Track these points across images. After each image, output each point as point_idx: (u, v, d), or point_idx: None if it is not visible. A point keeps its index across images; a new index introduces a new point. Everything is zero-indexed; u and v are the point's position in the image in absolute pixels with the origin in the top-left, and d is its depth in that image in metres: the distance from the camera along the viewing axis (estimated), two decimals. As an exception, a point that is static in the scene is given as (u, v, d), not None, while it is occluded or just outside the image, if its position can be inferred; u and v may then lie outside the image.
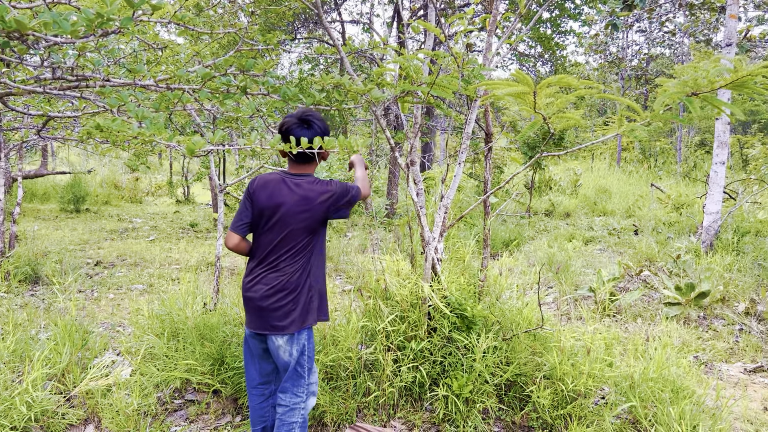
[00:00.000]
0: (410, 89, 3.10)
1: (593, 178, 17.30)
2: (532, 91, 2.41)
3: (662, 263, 7.22)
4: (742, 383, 4.15)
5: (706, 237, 7.56)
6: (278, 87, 3.11)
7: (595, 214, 12.57)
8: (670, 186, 14.68)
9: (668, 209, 11.57)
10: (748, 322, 5.22)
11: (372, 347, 3.47)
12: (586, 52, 26.99)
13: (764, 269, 6.76)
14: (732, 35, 7.15)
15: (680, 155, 19.62)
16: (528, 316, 3.76)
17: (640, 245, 8.46)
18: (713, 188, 7.53)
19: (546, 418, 3.29)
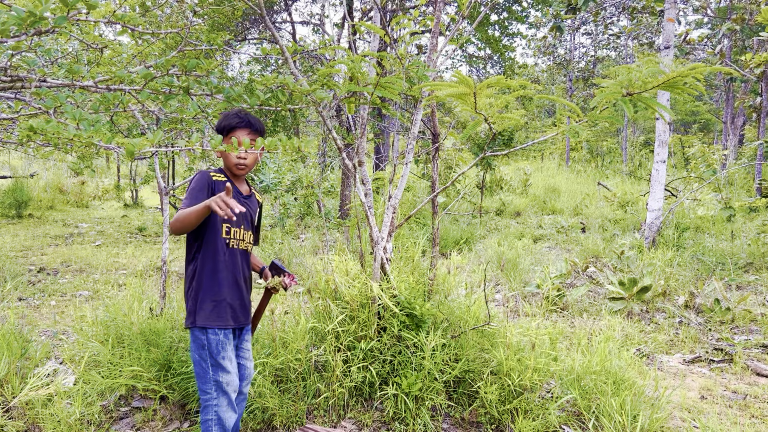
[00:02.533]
0: (356, 90, 3.12)
1: (543, 177, 17.66)
2: (473, 92, 2.46)
3: (607, 259, 7.44)
4: (681, 373, 4.31)
5: (649, 233, 7.82)
6: (222, 87, 3.08)
7: (544, 212, 12.84)
8: (616, 184, 15.11)
9: (614, 207, 11.91)
10: (687, 314, 5.42)
11: (321, 348, 3.46)
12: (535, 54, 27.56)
13: (703, 263, 7.03)
14: (670, 38, 7.42)
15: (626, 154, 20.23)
16: (476, 313, 3.82)
17: (587, 242, 8.69)
18: (655, 186, 7.79)
19: (493, 413, 3.35)
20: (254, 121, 2.76)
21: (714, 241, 8.31)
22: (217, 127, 2.73)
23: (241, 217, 2.72)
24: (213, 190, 2.61)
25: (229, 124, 2.71)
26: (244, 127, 2.73)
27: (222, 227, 2.67)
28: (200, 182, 2.61)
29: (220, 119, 2.75)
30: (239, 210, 2.30)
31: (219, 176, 2.69)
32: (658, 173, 7.74)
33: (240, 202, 2.76)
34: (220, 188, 2.62)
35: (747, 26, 15.11)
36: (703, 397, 3.93)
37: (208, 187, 2.60)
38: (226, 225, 2.68)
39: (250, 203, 2.86)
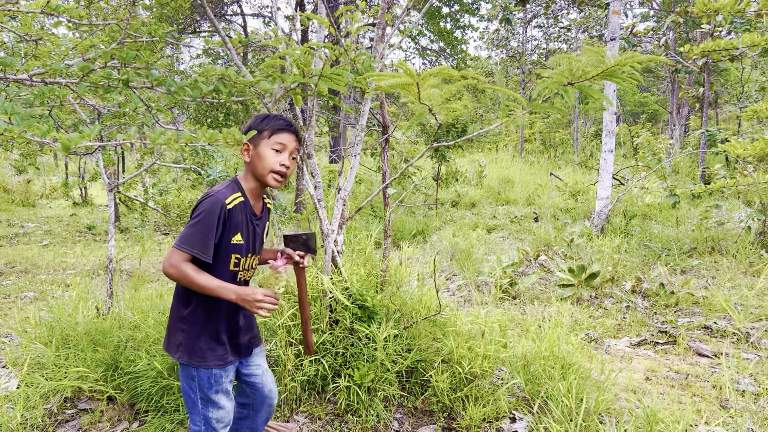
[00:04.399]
0: (301, 81, 3.09)
1: (497, 169, 17.89)
2: (415, 82, 2.47)
3: (558, 247, 7.59)
4: (627, 356, 4.44)
5: (598, 221, 8.01)
6: (163, 79, 3.01)
7: (498, 203, 13.02)
8: (568, 174, 15.42)
9: (566, 196, 12.16)
10: (634, 299, 5.58)
11: (273, 343, 3.44)
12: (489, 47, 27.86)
13: (649, 249, 7.25)
14: (615, 30, 7.59)
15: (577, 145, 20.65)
16: (427, 303, 3.85)
17: (539, 231, 8.85)
18: (603, 175, 7.98)
19: (445, 401, 3.38)
20: (298, 132, 2.42)
21: (660, 228, 8.57)
22: (252, 127, 2.33)
23: (251, 243, 2.38)
24: (226, 223, 2.21)
25: (275, 126, 2.31)
26: (292, 131, 2.34)
27: (231, 258, 2.29)
28: (210, 216, 2.16)
29: (257, 119, 2.36)
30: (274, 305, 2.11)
31: (236, 197, 2.28)
32: (606, 162, 7.93)
33: (252, 224, 2.38)
34: (235, 215, 2.24)
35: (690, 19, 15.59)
36: (648, 378, 4.06)
37: (222, 226, 2.20)
38: (236, 256, 2.30)
39: (261, 222, 2.47)
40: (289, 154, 2.33)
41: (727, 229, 8.15)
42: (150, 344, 3.60)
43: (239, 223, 2.27)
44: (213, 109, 8.50)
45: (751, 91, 12.97)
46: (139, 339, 3.70)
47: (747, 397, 3.63)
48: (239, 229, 2.28)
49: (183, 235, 2.13)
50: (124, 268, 7.23)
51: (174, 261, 2.11)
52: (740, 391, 3.75)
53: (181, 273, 2.10)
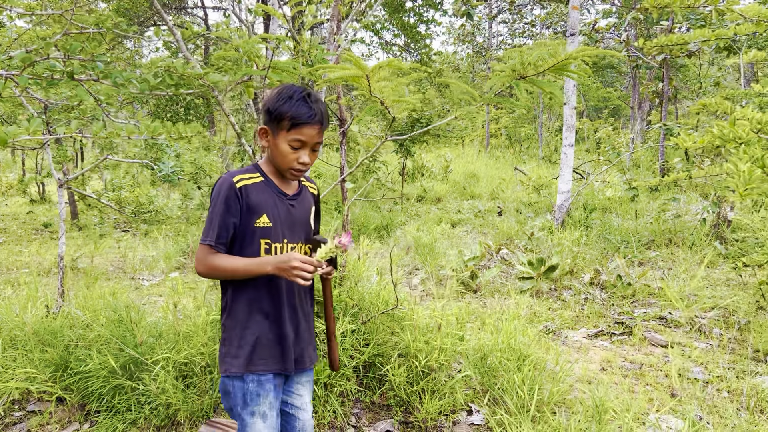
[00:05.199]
0: (251, 73, 3.04)
1: (463, 163, 17.97)
2: (365, 75, 2.45)
3: (519, 241, 7.66)
4: (584, 347, 4.50)
5: (559, 214, 8.11)
6: (109, 72, 2.94)
7: (464, 197, 13.09)
8: (532, 169, 15.58)
9: (529, 190, 12.28)
10: (592, 291, 5.67)
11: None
12: (455, 42, 27.99)
13: (609, 242, 7.36)
14: (575, 25, 7.68)
15: (542, 140, 20.89)
16: (386, 298, 3.84)
17: (503, 225, 8.92)
18: (564, 169, 8.08)
19: (402, 395, 3.38)
20: (326, 114, 2.07)
21: (620, 221, 8.72)
22: (271, 110, 2.00)
23: (286, 227, 2.07)
24: (245, 202, 1.97)
25: (297, 116, 1.95)
26: (316, 123, 1.98)
27: (261, 244, 2.01)
28: (225, 202, 1.95)
29: (279, 99, 1.98)
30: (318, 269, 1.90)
31: (252, 176, 2.02)
32: (567, 157, 8.03)
33: (284, 204, 2.07)
34: (254, 194, 1.99)
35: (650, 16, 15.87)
36: (604, 369, 4.12)
37: (237, 204, 1.96)
38: (265, 241, 2.01)
39: (300, 204, 2.15)
40: (310, 149, 2.02)
41: (684, 221, 8.33)
42: (102, 343, 3.51)
43: (262, 202, 1.99)
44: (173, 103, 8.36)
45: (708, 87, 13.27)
46: (90, 338, 3.61)
47: (696, 385, 3.72)
48: (263, 209, 1.99)
49: (204, 229, 1.99)
50: (81, 267, 7.06)
51: (200, 257, 1.95)
52: (691, 379, 3.83)
53: (208, 267, 1.94)
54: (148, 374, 3.30)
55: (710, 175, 4.80)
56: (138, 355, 3.35)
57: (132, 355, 3.35)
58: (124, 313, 3.61)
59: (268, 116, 2.00)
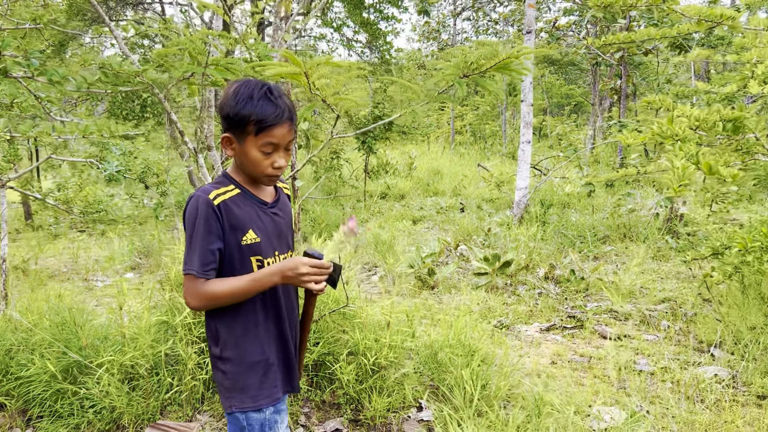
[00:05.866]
0: (193, 70, 3.00)
1: (428, 160, 18.04)
2: (303, 72, 2.43)
3: (477, 237, 7.73)
4: (536, 341, 4.56)
5: (517, 210, 8.20)
6: (45, 69, 2.86)
7: (427, 194, 13.14)
8: (495, 165, 15.72)
9: (491, 187, 12.39)
10: (547, 285, 5.75)
11: (171, 342, 3.34)
12: (420, 39, 28.08)
13: (565, 237, 7.47)
14: (531, 23, 7.77)
15: (505, 136, 21.09)
16: (337, 297, 3.83)
17: (463, 222, 8.98)
18: (522, 165, 8.17)
19: (351, 393, 3.38)
20: (293, 108, 1.84)
21: (578, 216, 8.86)
22: (231, 115, 1.76)
23: (274, 238, 1.89)
24: (226, 220, 1.76)
25: (262, 118, 1.71)
26: (285, 121, 1.76)
27: (253, 263, 1.82)
28: (205, 223, 1.73)
29: (236, 101, 1.74)
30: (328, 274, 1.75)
31: (227, 190, 1.81)
32: (524, 153, 8.12)
33: (267, 215, 1.89)
34: (234, 209, 1.78)
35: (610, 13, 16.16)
36: (554, 362, 4.18)
37: (218, 224, 1.75)
38: (257, 259, 1.82)
39: (282, 211, 1.98)
40: (284, 150, 1.81)
41: (639, 216, 8.50)
42: (45, 347, 3.43)
43: (244, 217, 1.80)
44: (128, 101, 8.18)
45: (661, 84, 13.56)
46: (33, 342, 3.52)
47: (642, 377, 3.80)
48: (247, 224, 1.81)
49: (185, 257, 1.75)
50: (33, 268, 6.89)
51: (189, 289, 1.72)
52: (637, 371, 3.91)
53: (202, 297, 1.72)
54: (92, 378, 3.24)
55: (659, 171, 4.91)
56: (81, 359, 3.28)
57: (75, 358, 3.28)
58: (68, 315, 3.53)
59: (229, 123, 1.76)
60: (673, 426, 3.15)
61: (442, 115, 26.82)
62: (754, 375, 3.67)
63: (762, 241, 3.55)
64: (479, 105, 24.14)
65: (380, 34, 10.40)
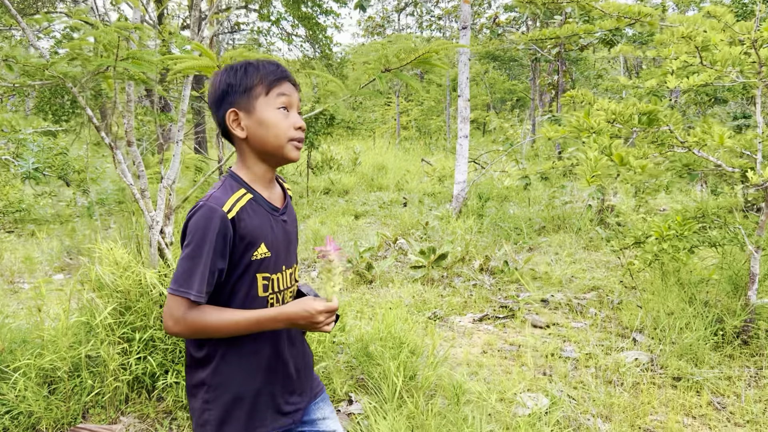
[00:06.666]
0: (107, 64, 2.92)
1: (373, 155, 18.08)
2: (216, 66, 2.40)
3: (416, 231, 7.80)
4: (469, 332, 4.64)
5: (456, 204, 8.32)
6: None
7: (372, 189, 13.17)
8: (439, 160, 15.88)
9: (434, 181, 12.52)
10: (481, 277, 5.85)
11: (91, 344, 3.25)
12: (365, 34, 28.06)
13: (502, 229, 7.62)
14: (466, 19, 7.87)
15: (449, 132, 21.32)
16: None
17: (405, 216, 9.04)
18: (460, 160, 8.29)
19: (280, 389, 3.36)
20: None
21: (516, 209, 9.05)
22: (233, 84, 1.57)
23: (283, 251, 1.66)
24: (238, 235, 1.52)
25: (270, 75, 1.57)
26: (291, 79, 1.61)
27: (259, 281, 1.59)
28: (215, 242, 1.48)
29: (233, 74, 1.58)
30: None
31: (239, 197, 1.56)
32: (462, 148, 8.23)
33: (278, 223, 1.65)
34: (247, 220, 1.54)
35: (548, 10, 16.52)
36: (485, 352, 4.26)
37: (229, 243, 1.51)
38: (263, 276, 1.60)
39: (290, 217, 1.74)
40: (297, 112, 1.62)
41: (574, 207, 8.75)
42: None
43: (257, 229, 1.57)
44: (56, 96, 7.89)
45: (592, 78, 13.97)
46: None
47: (568, 363, 3.91)
48: (260, 237, 1.57)
49: (177, 275, 1.48)
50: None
51: (176, 313, 1.47)
52: (563, 358, 4.03)
53: (191, 327, 1.48)
54: (8, 383, 3.12)
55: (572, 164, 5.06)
56: (-4, 364, 3.16)
57: (-11, 363, 3.15)
58: (-18, 319, 3.39)
59: (231, 95, 1.56)
60: (592, 410, 3.26)
61: (389, 111, 26.91)
62: (670, 358, 3.83)
63: (676, 229, 3.71)
64: (424, 100, 24.33)
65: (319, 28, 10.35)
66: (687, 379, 3.64)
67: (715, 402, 3.42)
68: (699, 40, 3.61)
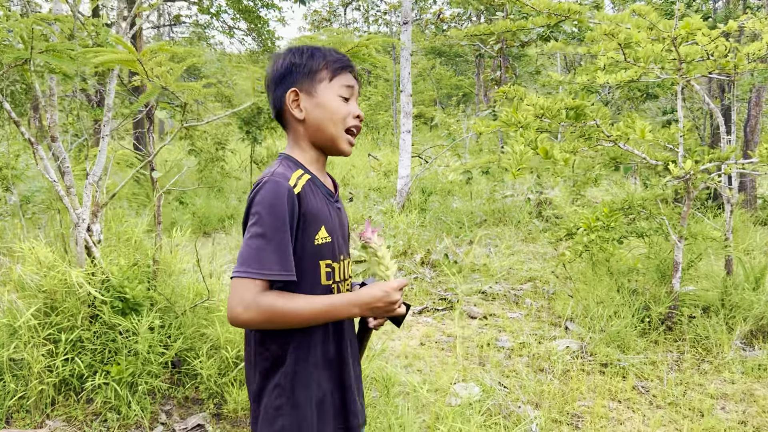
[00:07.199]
0: (26, 56, 2.81)
1: (320, 150, 17.98)
2: (137, 59, 2.34)
3: (359, 226, 7.82)
4: (408, 324, 4.68)
5: (400, 198, 8.37)
6: None
7: (318, 185, 13.12)
8: (386, 155, 15.94)
9: (380, 176, 12.56)
10: (423, 270, 5.91)
11: (13, 345, 3.14)
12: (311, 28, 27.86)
13: (444, 223, 7.72)
14: (407, 14, 7.91)
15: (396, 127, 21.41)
16: (200, 291, 3.75)
17: (350, 211, 9.05)
18: (403, 155, 8.34)
19: (214, 388, 3.33)
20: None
21: (459, 203, 9.17)
22: (298, 64, 1.52)
23: (340, 237, 1.61)
24: (300, 216, 1.43)
25: (336, 62, 1.54)
26: (354, 69, 1.59)
27: (322, 267, 1.51)
28: (275, 212, 1.38)
29: (298, 54, 1.53)
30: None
31: (299, 174, 1.48)
32: (405, 143, 8.28)
33: (333, 208, 1.59)
34: (309, 199, 1.46)
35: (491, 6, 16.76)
36: (422, 344, 4.32)
37: (291, 216, 1.40)
38: (326, 263, 1.52)
39: (341, 203, 1.69)
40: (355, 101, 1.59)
41: (514, 201, 8.94)
42: None
43: (319, 210, 1.49)
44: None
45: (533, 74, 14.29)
46: None
47: (502, 353, 4.00)
48: (320, 219, 1.49)
49: (246, 256, 1.36)
50: None
51: (246, 297, 1.33)
52: (498, 347, 4.12)
53: (263, 313, 1.34)
54: None
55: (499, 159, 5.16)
56: None
57: None
58: None
59: (294, 74, 1.50)
60: (522, 397, 3.35)
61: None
62: (599, 345, 3.97)
63: (603, 221, 3.83)
64: (371, 95, 24.35)
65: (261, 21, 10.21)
66: (614, 365, 3.78)
67: (639, 386, 3.56)
68: (621, 38, 3.73)
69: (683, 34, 3.74)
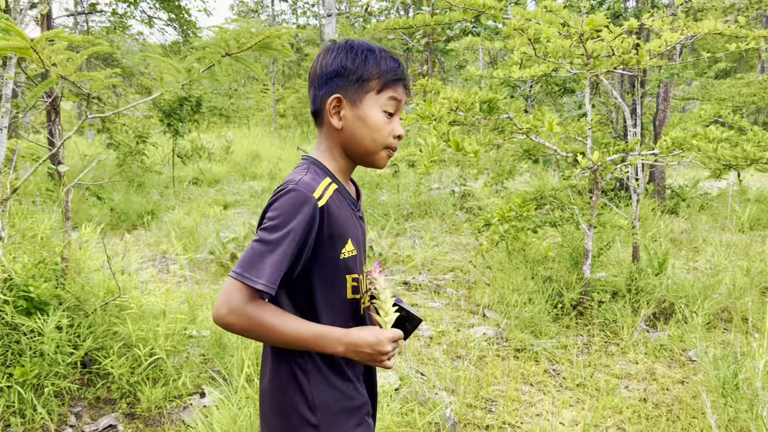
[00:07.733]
0: None
1: (247, 144, 17.71)
2: (30, 47, 2.24)
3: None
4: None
5: (326, 192, 8.36)
6: None
7: (245, 179, 12.91)
8: (314, 148, 15.85)
9: (308, 169, 12.48)
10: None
11: None
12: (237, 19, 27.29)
13: (371, 216, 7.77)
14: (331, 7, 7.89)
15: (326, 119, 21.34)
16: (112, 288, 3.63)
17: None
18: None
19: (126, 387, 3.24)
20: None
21: (387, 196, 9.24)
22: (348, 68, 1.42)
23: (362, 250, 1.53)
24: (324, 230, 1.37)
25: (389, 73, 1.43)
26: (405, 80, 1.48)
27: (347, 282, 1.45)
28: (303, 231, 1.32)
29: (353, 55, 1.43)
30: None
31: (326, 185, 1.40)
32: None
33: (357, 220, 1.52)
34: (335, 211, 1.39)
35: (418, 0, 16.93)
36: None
37: (312, 236, 1.35)
38: (353, 277, 1.46)
39: (362, 214, 1.61)
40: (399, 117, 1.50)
41: (441, 193, 9.09)
42: None
43: (344, 223, 1.43)
44: None
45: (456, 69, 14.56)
46: None
47: (422, 341, 4.08)
48: (348, 232, 1.43)
49: (248, 259, 1.29)
50: None
51: (234, 301, 1.27)
52: (419, 336, 4.19)
53: (248, 321, 1.29)
54: None
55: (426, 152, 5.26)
56: None
57: None
58: None
59: (342, 78, 1.41)
60: (439, 384, 3.42)
61: (264, 97, 26.41)
62: (514, 331, 4.10)
63: (516, 211, 3.96)
64: (300, 88, 24.13)
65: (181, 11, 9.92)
66: (528, 349, 3.92)
67: (550, 369, 3.71)
68: (531, 33, 3.85)
69: (589, 31, 3.90)
